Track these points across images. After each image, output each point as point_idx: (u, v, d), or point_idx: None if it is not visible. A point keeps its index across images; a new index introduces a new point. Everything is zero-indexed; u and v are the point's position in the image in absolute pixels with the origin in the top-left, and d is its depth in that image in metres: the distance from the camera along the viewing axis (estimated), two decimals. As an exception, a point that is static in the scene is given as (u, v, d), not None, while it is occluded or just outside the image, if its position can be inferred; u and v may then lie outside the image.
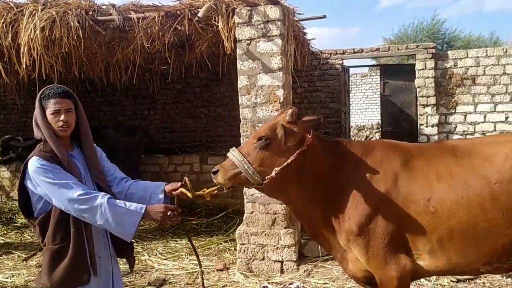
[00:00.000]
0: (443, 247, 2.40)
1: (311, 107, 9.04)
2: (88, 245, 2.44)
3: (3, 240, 6.87)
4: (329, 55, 8.77)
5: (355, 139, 15.42)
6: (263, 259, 5.15)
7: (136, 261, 5.55)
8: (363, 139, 15.30)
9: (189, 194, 2.59)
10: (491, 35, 25.27)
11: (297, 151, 2.51)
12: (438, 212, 2.38)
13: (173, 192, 2.63)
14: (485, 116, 8.22)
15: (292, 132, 2.53)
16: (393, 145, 2.72)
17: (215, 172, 2.56)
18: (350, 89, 19.15)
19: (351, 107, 19.43)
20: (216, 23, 5.14)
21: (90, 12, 5.38)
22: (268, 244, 5.13)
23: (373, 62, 17.76)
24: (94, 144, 2.71)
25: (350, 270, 2.67)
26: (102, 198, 2.33)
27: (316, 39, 8.40)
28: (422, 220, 2.41)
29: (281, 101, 4.99)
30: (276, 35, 4.92)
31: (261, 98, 5.05)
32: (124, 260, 2.80)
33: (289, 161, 2.49)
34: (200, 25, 5.14)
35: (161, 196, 2.63)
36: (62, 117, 2.42)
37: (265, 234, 5.13)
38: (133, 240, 2.57)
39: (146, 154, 8.58)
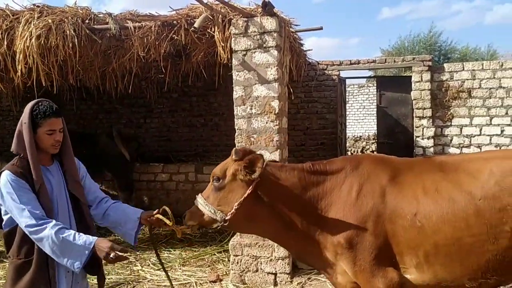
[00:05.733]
0: (429, 261, 2.41)
1: (308, 117, 9.05)
2: (51, 263, 2.44)
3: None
4: (326, 66, 8.79)
5: (351, 149, 15.42)
6: (257, 271, 5.10)
7: (129, 272, 5.54)
8: (359, 150, 15.31)
9: (169, 222, 2.67)
10: (488, 47, 25.45)
11: (253, 184, 2.57)
12: (424, 227, 2.39)
13: (148, 219, 2.70)
14: (480, 129, 8.24)
15: (241, 168, 2.59)
16: (381, 159, 2.74)
17: (185, 216, 2.73)
18: (347, 99, 19.34)
19: (348, 118, 19.58)
20: (213, 33, 5.15)
21: (87, 21, 5.37)
22: (261, 256, 5.09)
23: (371, 73, 17.87)
24: (76, 159, 2.74)
25: (339, 283, 2.67)
26: (50, 230, 2.33)
27: (312, 49, 8.43)
28: (409, 234, 2.42)
29: (276, 112, 4.98)
30: (272, 46, 4.92)
31: (257, 109, 5.04)
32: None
33: (245, 195, 2.57)
34: (196, 35, 5.14)
35: (136, 224, 2.69)
36: (57, 137, 2.48)
37: (259, 246, 5.09)
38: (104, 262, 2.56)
39: (140, 162, 8.55)
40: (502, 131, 8.11)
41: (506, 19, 54.33)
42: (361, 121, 19.63)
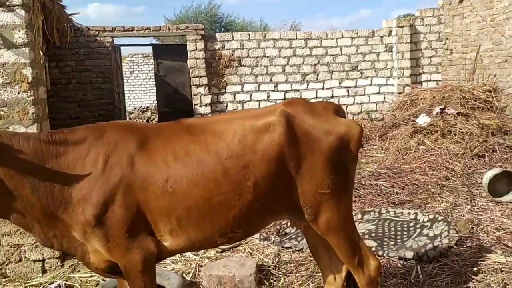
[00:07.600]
0: (182, 225, 2.44)
1: (82, 87, 8.40)
2: None
3: None
4: (97, 32, 8.22)
5: (137, 120, 15.13)
6: (20, 260, 4.54)
7: None
8: (145, 121, 15.14)
9: None
10: (260, 21, 27.99)
11: None
12: (176, 192, 2.39)
13: None
14: (251, 95, 8.97)
15: None
16: (128, 126, 2.64)
17: None
18: (133, 70, 18.84)
19: (134, 88, 19.11)
20: None
21: None
22: (25, 243, 4.54)
23: (154, 41, 17.63)
24: None
25: (93, 263, 2.50)
26: None
27: (79, 13, 7.63)
28: (161, 201, 2.39)
29: (29, 81, 4.39)
30: (18, 5, 4.26)
31: (5, 77, 4.34)
32: None
33: None
34: None
35: None
36: None
37: (21, 233, 4.52)
38: None
39: None
40: (268, 96, 8.99)
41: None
42: (148, 92, 19.38)
